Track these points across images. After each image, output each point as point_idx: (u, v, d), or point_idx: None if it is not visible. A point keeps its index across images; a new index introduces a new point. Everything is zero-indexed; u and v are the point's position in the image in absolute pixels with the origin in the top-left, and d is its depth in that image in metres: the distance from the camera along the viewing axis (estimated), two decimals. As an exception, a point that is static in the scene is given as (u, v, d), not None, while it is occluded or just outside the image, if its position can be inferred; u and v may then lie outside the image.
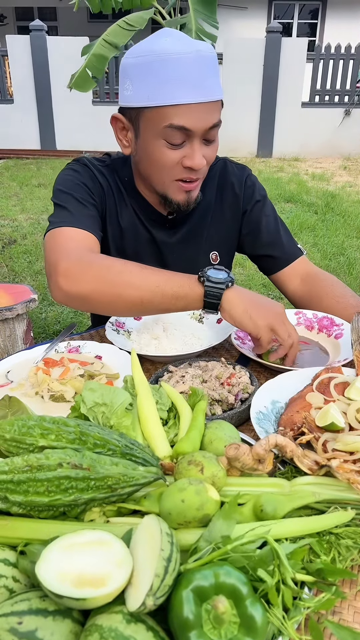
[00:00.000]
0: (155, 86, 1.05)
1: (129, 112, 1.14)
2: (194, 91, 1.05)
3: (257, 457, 0.68)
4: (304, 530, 0.62)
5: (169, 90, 1.04)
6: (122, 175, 1.31)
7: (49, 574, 0.50)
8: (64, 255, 1.07)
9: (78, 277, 1.03)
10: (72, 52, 8.14)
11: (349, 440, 0.73)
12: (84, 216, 1.19)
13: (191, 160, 1.12)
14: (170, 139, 1.09)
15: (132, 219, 1.33)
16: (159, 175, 1.18)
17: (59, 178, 1.28)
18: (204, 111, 1.08)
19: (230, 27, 11.94)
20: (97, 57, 3.98)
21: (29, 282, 4.10)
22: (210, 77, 1.07)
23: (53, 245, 1.13)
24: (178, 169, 1.15)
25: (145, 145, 1.15)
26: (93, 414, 0.77)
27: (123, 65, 1.11)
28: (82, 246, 1.12)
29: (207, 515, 0.60)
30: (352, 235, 5.22)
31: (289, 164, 8.89)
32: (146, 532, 0.55)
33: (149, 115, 1.09)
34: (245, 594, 0.51)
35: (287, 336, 1.06)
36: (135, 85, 1.08)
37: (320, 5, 12.63)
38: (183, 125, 1.07)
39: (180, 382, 0.98)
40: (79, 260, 1.06)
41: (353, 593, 0.62)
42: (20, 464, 0.60)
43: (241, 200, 1.41)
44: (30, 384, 1.06)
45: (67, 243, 1.11)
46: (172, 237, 1.36)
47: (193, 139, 1.10)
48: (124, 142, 1.20)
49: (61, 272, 1.04)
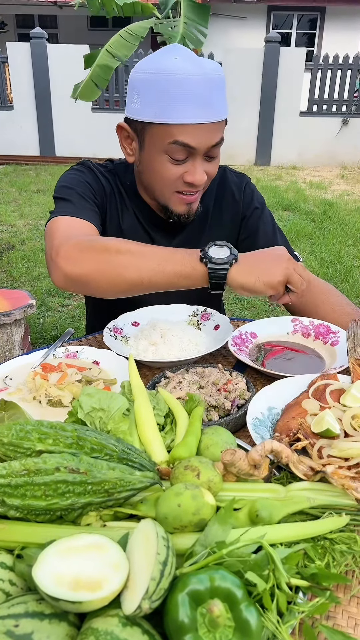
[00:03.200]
0: (163, 104, 1.07)
1: (134, 123, 1.16)
2: (200, 111, 1.07)
3: (253, 463, 0.68)
4: (299, 535, 0.63)
5: (176, 109, 1.07)
6: (124, 179, 1.33)
7: (45, 577, 0.50)
8: (63, 239, 1.08)
9: (78, 258, 1.03)
10: (72, 59, 8.22)
11: (344, 446, 0.74)
12: (86, 209, 1.21)
13: (192, 176, 1.15)
14: (173, 154, 1.12)
15: (133, 222, 1.34)
16: (160, 187, 1.21)
17: (63, 177, 1.29)
18: (209, 130, 1.10)
19: (230, 37, 12.04)
20: (101, 67, 4.02)
21: (27, 288, 4.11)
22: (217, 97, 1.09)
23: (54, 231, 1.13)
24: (179, 183, 1.18)
25: (148, 158, 1.17)
26: (90, 419, 0.78)
27: (132, 78, 1.14)
28: (82, 233, 1.14)
29: (203, 519, 0.60)
30: (349, 243, 5.24)
31: (287, 172, 8.94)
32: (142, 536, 0.55)
33: (154, 130, 1.11)
34: (240, 598, 0.51)
35: (300, 283, 1.03)
36: (143, 101, 1.10)
37: (318, 15, 12.75)
38: (188, 144, 1.10)
39: (177, 388, 0.98)
40: (79, 242, 1.07)
41: (347, 598, 0.63)
42: (18, 468, 0.61)
43: (240, 207, 1.42)
44: (28, 389, 1.06)
45: (68, 230, 1.12)
46: (172, 242, 1.37)
47: (196, 156, 1.13)
48: (128, 150, 1.22)
49: (62, 255, 1.04)
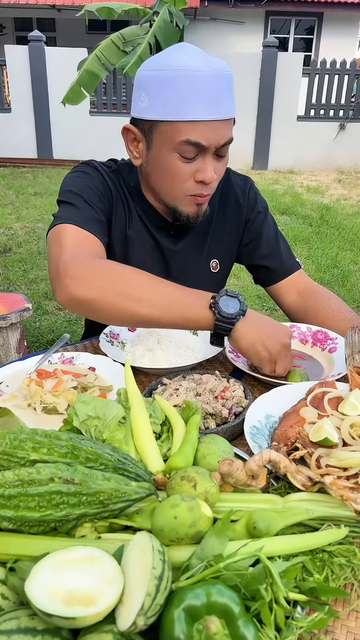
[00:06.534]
0: (172, 101, 1.06)
1: (142, 123, 1.14)
2: (210, 109, 1.06)
3: (250, 473, 0.67)
4: (297, 548, 0.62)
5: (186, 106, 1.05)
6: (127, 180, 1.31)
7: (38, 592, 0.49)
8: (72, 256, 1.05)
9: (88, 283, 1.01)
10: (70, 63, 8.19)
11: (342, 456, 0.73)
12: (92, 219, 1.17)
13: (203, 174, 1.13)
14: (184, 153, 1.11)
15: (138, 225, 1.32)
16: (170, 188, 1.18)
17: (68, 179, 1.26)
18: (219, 128, 1.09)
19: (227, 42, 12.08)
20: (89, 73, 4.04)
21: (24, 291, 4.09)
22: (226, 95, 1.08)
23: (61, 241, 1.10)
24: (190, 183, 1.16)
25: (157, 157, 1.15)
26: (86, 427, 0.77)
27: (138, 77, 1.12)
28: (91, 251, 1.11)
29: (200, 532, 0.59)
30: (346, 247, 5.25)
31: (284, 177, 8.96)
32: (138, 550, 0.54)
33: (163, 128, 1.10)
34: (238, 614, 0.50)
35: (283, 370, 1.09)
36: (151, 98, 1.09)
37: (316, 21, 12.81)
38: (199, 142, 1.08)
39: (174, 395, 0.97)
40: (92, 266, 1.04)
41: (346, 612, 0.62)
42: (11, 478, 0.60)
43: (244, 211, 1.42)
44: (23, 395, 1.05)
45: (76, 246, 1.09)
46: (176, 245, 1.36)
47: (206, 154, 1.12)
48: (135, 153, 1.20)
49: (71, 275, 1.01)
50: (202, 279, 1.40)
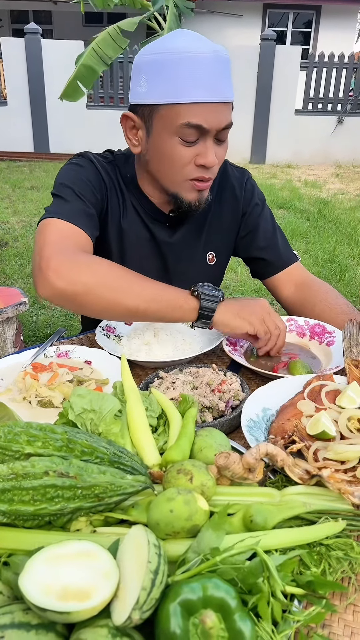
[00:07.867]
0: (172, 83, 1.05)
1: (141, 109, 1.13)
2: (210, 91, 1.05)
3: (247, 466, 0.67)
4: (294, 541, 0.61)
5: (186, 88, 1.04)
6: (123, 172, 1.30)
7: (32, 587, 0.49)
8: (55, 250, 1.04)
9: (71, 275, 1.00)
10: (66, 56, 8.17)
11: (340, 449, 0.73)
12: (82, 213, 1.16)
13: (204, 158, 1.12)
14: (185, 136, 1.10)
15: (134, 216, 1.31)
16: (171, 173, 1.17)
17: (62, 171, 1.25)
18: (219, 111, 1.08)
19: (225, 35, 12.01)
20: (86, 68, 4.00)
21: (20, 285, 4.07)
22: (225, 78, 1.08)
23: (45, 236, 1.09)
24: (191, 168, 1.14)
25: (158, 142, 1.14)
26: (81, 421, 0.76)
27: (137, 62, 1.11)
28: (75, 244, 1.10)
29: (196, 525, 0.59)
30: (344, 242, 5.24)
31: (282, 171, 8.93)
32: (133, 543, 0.53)
33: (163, 112, 1.09)
34: (234, 608, 0.50)
35: (275, 327, 1.14)
36: (150, 82, 1.08)
37: (314, 14, 12.75)
38: (200, 124, 1.07)
39: (170, 389, 0.96)
40: (75, 259, 1.03)
41: (343, 606, 0.61)
42: (5, 472, 0.59)
43: (241, 203, 1.41)
44: (18, 389, 1.04)
45: (60, 240, 1.08)
46: (172, 237, 1.35)
47: (206, 137, 1.11)
48: (134, 141, 1.19)
49: (53, 268, 1.00)
50: (198, 271, 1.39)
